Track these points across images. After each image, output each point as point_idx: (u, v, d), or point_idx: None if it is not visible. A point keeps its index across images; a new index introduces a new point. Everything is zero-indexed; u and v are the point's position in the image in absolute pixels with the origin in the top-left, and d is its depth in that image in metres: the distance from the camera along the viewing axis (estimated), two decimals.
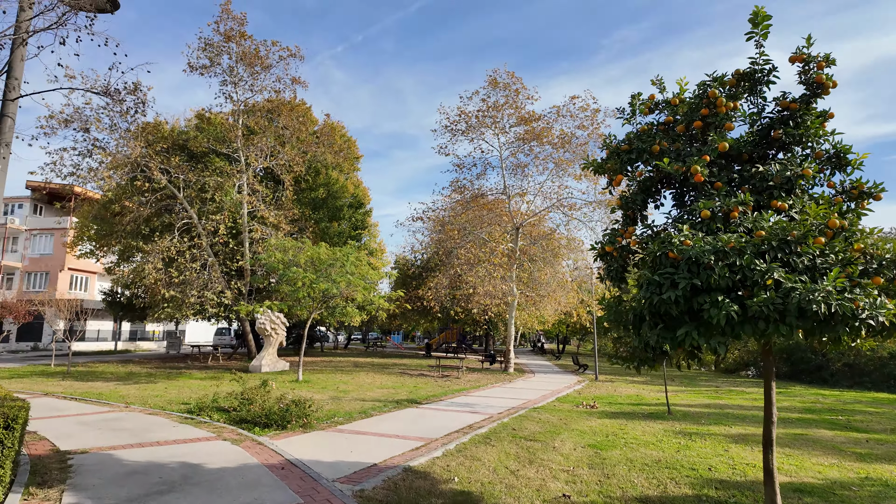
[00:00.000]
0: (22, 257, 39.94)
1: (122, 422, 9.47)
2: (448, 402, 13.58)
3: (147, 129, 23.56)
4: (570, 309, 24.27)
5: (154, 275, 21.34)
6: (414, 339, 79.57)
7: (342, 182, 28.56)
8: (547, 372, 26.91)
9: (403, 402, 13.11)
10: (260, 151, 23.72)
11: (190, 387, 15.56)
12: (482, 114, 24.62)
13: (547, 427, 10.23)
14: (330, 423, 9.89)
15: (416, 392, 15.62)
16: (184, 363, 25.51)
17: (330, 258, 17.47)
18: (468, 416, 11.29)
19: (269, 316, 21.77)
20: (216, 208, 22.78)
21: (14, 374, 18.54)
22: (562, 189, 24.41)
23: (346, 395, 14.36)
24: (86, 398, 12.51)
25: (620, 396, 16.65)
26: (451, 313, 30.40)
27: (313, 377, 19.29)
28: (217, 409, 10.80)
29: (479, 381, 20.17)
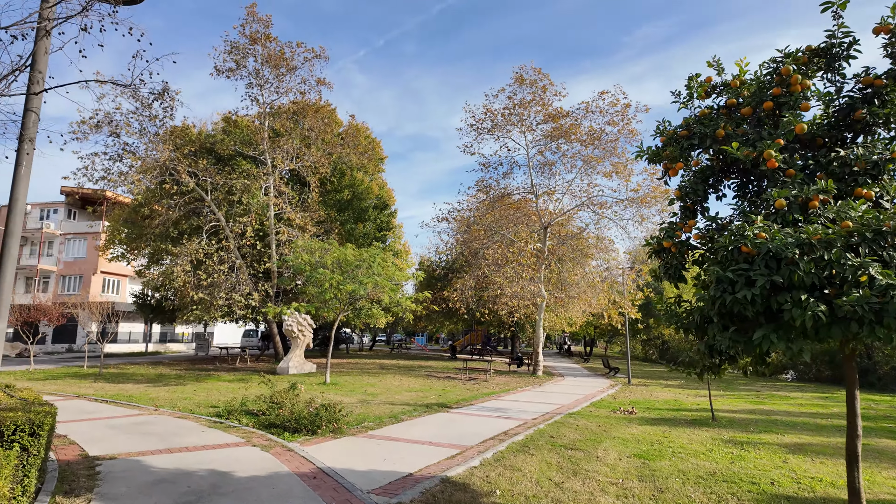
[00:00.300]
0: (57, 261, 40.97)
1: (151, 426, 9.33)
2: (479, 407, 13.17)
3: (175, 132, 23.77)
4: (600, 310, 23.57)
5: (183, 277, 21.45)
6: (438, 340, 79.28)
7: (367, 183, 28.41)
8: (576, 375, 26.26)
9: (433, 407, 12.75)
10: (286, 153, 23.71)
11: (218, 389, 15.50)
12: (508, 111, 24.16)
13: (586, 434, 9.73)
14: (360, 429, 9.59)
15: (446, 396, 15.26)
16: (212, 365, 25.66)
17: (356, 259, 17.24)
18: (501, 422, 10.86)
19: (296, 318, 21.68)
20: (243, 210, 22.83)
21: (49, 375, 18.82)
22: (591, 187, 23.79)
23: (375, 399, 14.07)
24: (116, 400, 12.50)
25: (658, 401, 15.99)
26: (476, 315, 29.93)
27: (340, 380, 19.09)
28: (246, 413, 10.61)
29: (508, 384, 19.71)
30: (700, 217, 5.18)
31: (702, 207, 5.20)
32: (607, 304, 23.08)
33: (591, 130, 23.65)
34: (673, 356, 52.68)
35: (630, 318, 23.38)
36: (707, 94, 5.44)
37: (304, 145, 24.58)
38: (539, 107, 24.13)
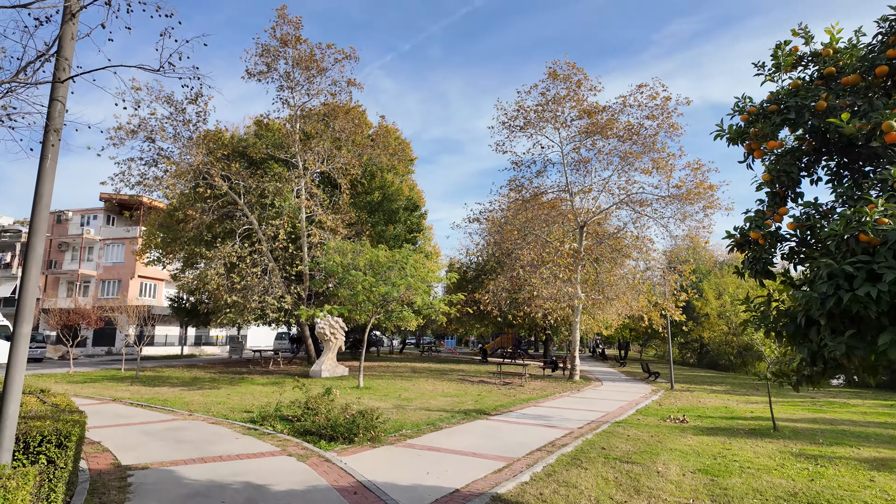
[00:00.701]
0: (97, 266, 42.07)
1: (185, 432, 9.08)
2: (519, 414, 12.57)
3: (208, 137, 23.94)
4: (640, 312, 22.62)
5: (216, 280, 21.50)
6: (468, 343, 78.59)
7: (397, 184, 28.12)
8: (615, 380, 25.32)
9: (472, 414, 12.22)
10: (317, 155, 23.60)
11: (252, 393, 15.31)
12: (541, 108, 23.49)
13: (640, 446, 9.04)
14: (399, 437, 9.13)
15: (482, 401, 14.70)
16: (246, 368, 25.72)
17: (389, 261, 16.88)
18: (546, 431, 10.25)
19: (328, 320, 21.47)
20: (275, 213, 22.79)
21: (87, 378, 19.04)
22: (629, 184, 22.89)
23: (410, 404, 13.62)
24: (151, 405, 12.38)
25: (707, 408, 15.08)
26: (508, 318, 29.23)
27: (373, 383, 18.74)
28: (280, 419, 10.29)
29: (545, 389, 19.02)
30: (791, 204, 4.52)
31: (794, 193, 4.54)
32: (648, 305, 22.13)
33: (629, 125, 22.79)
34: (712, 360, 50.78)
35: (673, 321, 22.34)
36: (793, 66, 4.80)
37: (335, 147, 24.44)
38: (573, 102, 23.40)
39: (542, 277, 20.12)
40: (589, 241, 22.96)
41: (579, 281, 22.16)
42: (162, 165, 23.40)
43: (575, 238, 22.79)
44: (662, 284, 21.32)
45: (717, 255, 56.58)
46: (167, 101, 22.96)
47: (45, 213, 4.53)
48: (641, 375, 29.27)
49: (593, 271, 23.04)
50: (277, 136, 25.49)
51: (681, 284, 23.23)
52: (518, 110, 23.68)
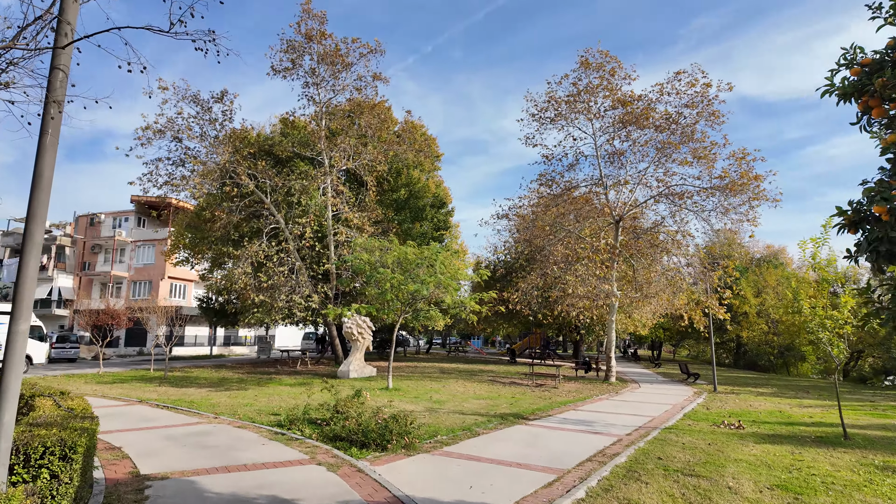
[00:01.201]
0: (128, 267, 42.70)
1: (209, 437, 8.61)
2: (559, 419, 11.80)
3: (234, 136, 23.78)
4: (680, 311, 21.50)
5: (244, 279, 21.28)
6: (494, 343, 77.63)
7: (423, 181, 27.55)
8: (652, 381, 24.23)
9: (509, 418, 11.50)
10: (342, 152, 23.19)
11: (279, 394, 14.89)
12: (573, 98, 22.58)
13: (700, 455, 8.20)
14: (434, 444, 8.48)
15: (518, 404, 13.96)
16: (273, 368, 25.49)
17: (417, 258, 16.27)
18: (592, 438, 9.47)
19: (355, 320, 21.02)
20: (302, 212, 22.46)
21: (117, 378, 18.97)
22: (668, 176, 21.79)
23: (442, 407, 12.98)
24: (177, 406, 12.03)
25: (761, 412, 14.02)
26: (538, 317, 28.31)
27: (402, 384, 18.18)
28: (308, 423, 9.76)
29: (581, 391, 18.15)
30: None
31: None
32: (690, 303, 21.01)
33: (667, 114, 21.72)
34: (751, 360, 48.74)
35: (717, 320, 21.18)
36: None
37: (361, 144, 24.00)
38: (607, 92, 22.43)
39: (577, 274, 19.21)
40: (625, 236, 21.94)
41: (615, 278, 21.19)
42: (189, 165, 23.34)
43: (610, 233, 21.79)
44: (704, 281, 20.17)
45: (754, 251, 54.47)
46: (193, 99, 22.88)
47: (46, 196, 4.01)
48: (679, 377, 28.05)
49: (629, 268, 22.00)
50: (303, 133, 25.20)
51: (725, 281, 22.02)
52: (548, 101, 22.82)
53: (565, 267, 19.30)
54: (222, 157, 22.38)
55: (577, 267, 18.91)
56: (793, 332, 37.96)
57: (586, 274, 19.16)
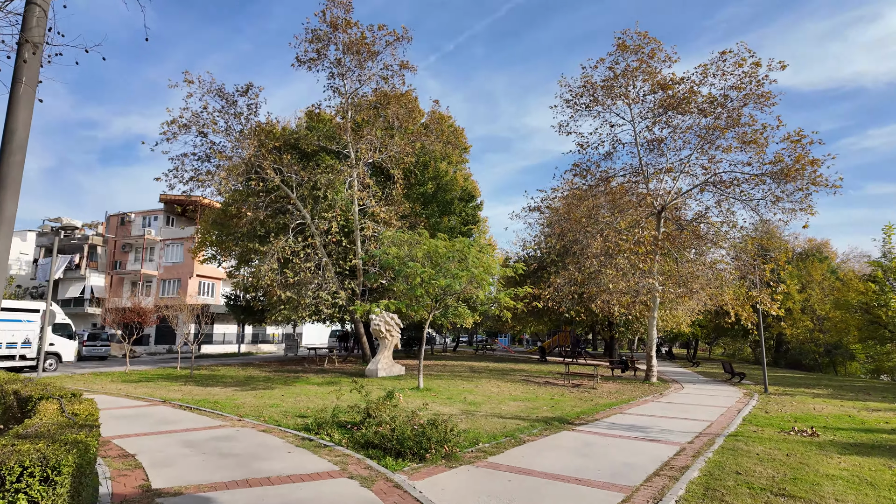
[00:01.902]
0: (158, 266, 43.04)
1: (232, 443, 7.92)
2: (608, 424, 10.80)
3: (260, 130, 23.34)
4: (728, 307, 20.10)
5: (270, 275, 20.81)
6: (521, 342, 76.33)
7: (451, 174, 26.68)
8: (694, 381, 22.91)
9: (553, 423, 10.55)
10: (369, 144, 22.48)
11: (307, 394, 14.25)
12: (610, 82, 21.39)
13: (783, 469, 7.14)
14: (477, 453, 7.62)
15: (559, 407, 13.00)
16: (300, 366, 25.04)
17: (449, 252, 15.42)
18: (652, 447, 8.47)
19: (383, 317, 20.32)
20: (328, 206, 21.86)
21: (143, 377, 18.67)
22: (713, 162, 20.42)
23: (479, 410, 12.11)
24: (200, 407, 11.45)
25: (827, 417, 12.74)
26: (571, 314, 27.14)
27: (433, 384, 17.38)
28: (338, 426, 9.02)
29: (622, 392, 17.06)
30: None
31: None
32: (740, 298, 19.63)
33: (711, 98, 20.35)
34: (794, 358, 46.42)
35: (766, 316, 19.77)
36: None
37: (388, 135, 23.27)
38: (646, 75, 21.17)
39: (619, 268, 18.06)
40: (667, 227, 20.65)
41: (657, 272, 19.96)
42: (214, 160, 23.00)
43: (650, 225, 20.54)
44: (754, 274, 18.79)
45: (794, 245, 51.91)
46: (218, 93, 22.50)
47: (19, 159, 3.27)
48: (722, 376, 26.58)
49: (671, 262, 20.72)
50: (329, 127, 24.64)
51: (778, 274, 20.56)
52: (584, 86, 21.67)
53: (605, 260, 18.14)
54: (247, 151, 21.95)
55: (618, 260, 17.75)
56: (841, 329, 35.80)
57: (628, 267, 17.98)
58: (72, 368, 22.14)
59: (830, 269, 43.20)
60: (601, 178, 22.41)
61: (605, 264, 18.07)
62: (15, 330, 19.92)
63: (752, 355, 61.57)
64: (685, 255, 20.78)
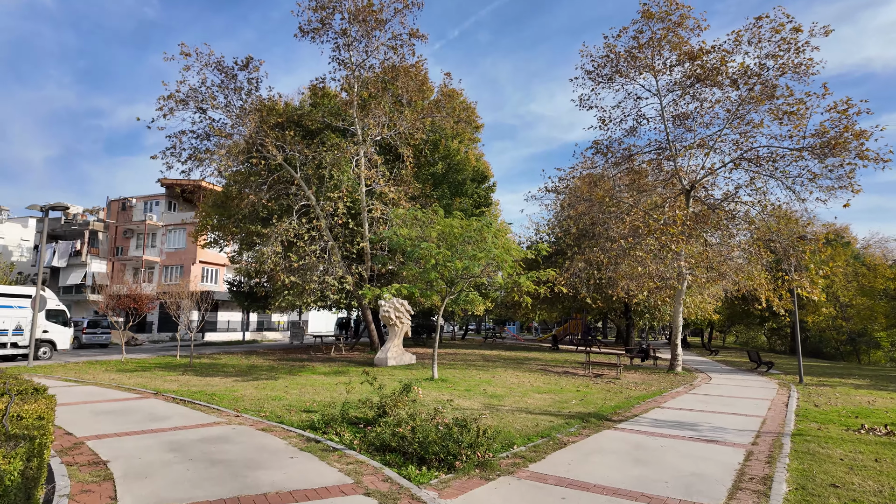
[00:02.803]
0: (160, 252, 42.04)
1: (225, 445, 6.79)
2: (650, 421, 9.61)
3: (262, 107, 22.07)
4: (760, 292, 18.78)
5: (273, 258, 19.70)
6: (530, 329, 75.12)
7: (463, 153, 25.32)
8: (719, 371, 21.74)
9: (591, 420, 9.36)
10: (377, 119, 21.14)
11: (313, 385, 13.15)
12: (633, 53, 19.93)
13: (880, 479, 5.94)
14: (514, 459, 6.44)
15: (590, 401, 11.82)
16: (306, 355, 24.01)
17: (466, 231, 14.16)
18: (713, 450, 7.29)
19: (393, 303, 19.17)
20: (334, 185, 20.63)
21: (140, 365, 17.65)
22: (745, 138, 19.00)
23: (502, 403, 10.95)
24: (195, 400, 10.35)
25: (886, 411, 11.50)
26: (587, 300, 25.87)
27: (448, 374, 16.26)
28: (348, 424, 7.89)
29: (650, 383, 15.90)
30: None
31: None
32: (777, 282, 18.30)
33: (745, 67, 18.87)
34: (814, 347, 45.03)
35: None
36: None
37: (396, 111, 21.91)
38: (673, 45, 19.69)
39: (649, 250, 16.74)
40: (696, 207, 19.27)
41: (684, 255, 18.66)
42: (214, 139, 21.80)
43: (679, 205, 19.16)
44: (794, 256, 17.42)
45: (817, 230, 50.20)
46: (217, 66, 21.21)
47: None
48: (746, 365, 25.39)
49: (700, 244, 19.36)
50: (334, 103, 23.33)
51: (820, 258, 19.23)
52: (607, 56, 20.22)
53: (633, 241, 16.81)
54: (248, 128, 20.73)
55: (648, 240, 16.43)
56: (866, 316, 34.44)
57: (658, 249, 16.67)
58: (67, 357, 21.18)
59: (853, 255, 41.62)
60: (623, 157, 21.02)
61: (633, 246, 16.75)
62: (5, 316, 18.92)
63: (766, 343, 60.18)
64: (715, 236, 19.46)
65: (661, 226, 16.33)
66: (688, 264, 17.23)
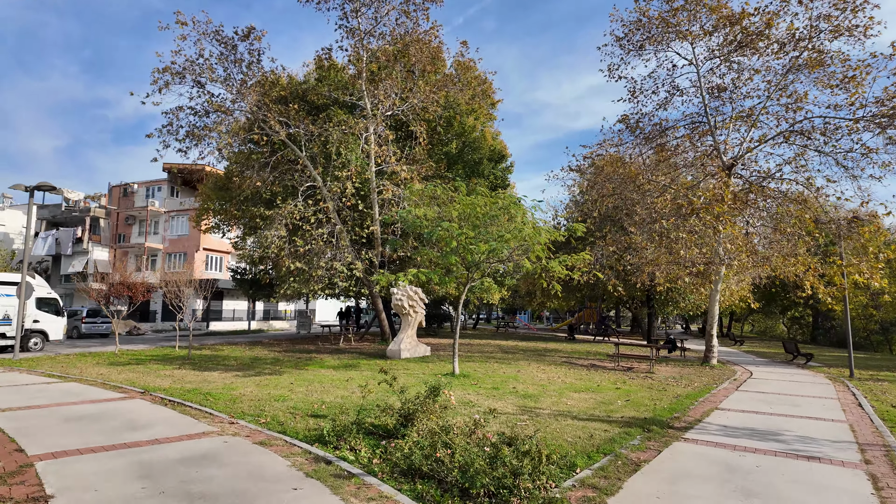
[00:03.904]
0: (163, 239, 40.83)
1: (211, 468, 5.37)
2: (720, 428, 8.12)
3: (264, 80, 20.52)
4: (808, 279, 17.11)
5: (278, 243, 18.30)
6: (541, 318, 73.50)
7: (479, 131, 23.65)
8: (754, 363, 20.27)
9: (652, 429, 7.87)
10: (388, 90, 19.51)
11: (321, 381, 11.76)
12: (669, 16, 18.17)
13: None
14: (584, 491, 4.97)
15: (637, 401, 10.35)
16: (314, 345, 22.69)
17: (491, 209, 12.62)
18: (825, 473, 5.80)
19: (406, 291, 17.73)
20: (341, 164, 19.12)
21: (135, 358, 16.35)
22: (793, 110, 17.26)
23: (539, 406, 9.49)
24: (187, 402, 8.96)
25: None
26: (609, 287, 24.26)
27: (468, 368, 14.84)
28: (364, 434, 6.48)
29: (690, 379, 14.42)
30: None
31: None
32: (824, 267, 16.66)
33: (793, 31, 17.07)
34: (839, 336, 43.24)
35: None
36: None
37: (409, 82, 20.25)
38: (710, 10, 17.89)
39: (694, 230, 15.11)
40: (736, 186, 17.58)
41: (723, 237, 17.03)
42: (214, 115, 20.32)
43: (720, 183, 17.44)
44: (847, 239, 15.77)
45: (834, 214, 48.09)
46: (216, 37, 19.64)
47: None
48: (781, 357, 23.84)
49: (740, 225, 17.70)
50: (341, 76, 21.74)
51: (884, 239, 17.53)
52: (639, 20, 18.46)
53: (677, 221, 15.15)
54: (249, 101, 19.23)
55: (692, 221, 14.79)
56: None
57: (704, 230, 15.03)
58: (62, 348, 19.97)
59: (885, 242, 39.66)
60: (655, 132, 19.32)
61: (676, 226, 15.11)
62: None
63: (786, 333, 58.32)
64: (756, 217, 17.81)
65: (705, 204, 14.67)
66: (734, 246, 15.58)
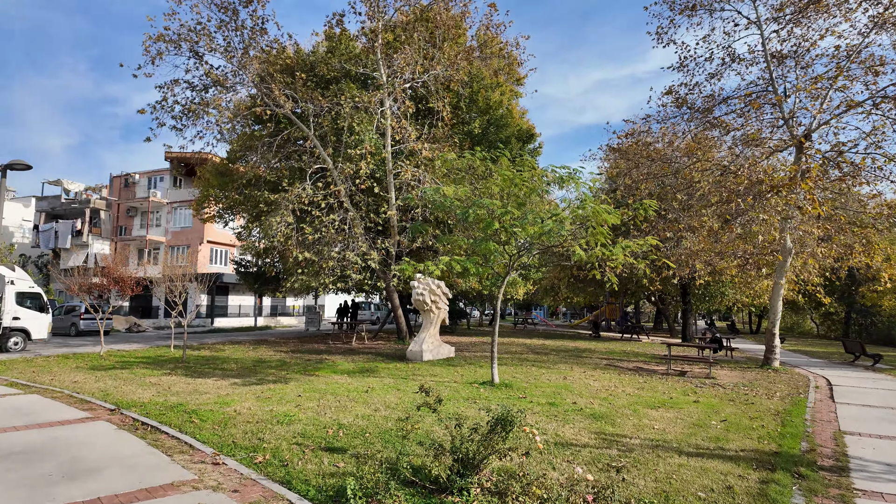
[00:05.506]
0: (165, 231, 39.00)
1: None
2: (884, 467, 5.93)
3: (267, 50, 18.43)
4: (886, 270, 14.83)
5: (284, 231, 16.26)
6: (557, 314, 71.08)
7: (505, 106, 21.39)
8: (816, 365, 18.02)
9: (803, 474, 5.70)
10: (406, 60, 17.30)
11: (335, 392, 9.64)
12: None
13: None
14: None
15: (734, 422, 8.16)
16: (324, 344, 20.67)
17: (539, 185, 10.39)
18: None
19: (428, 285, 15.60)
20: (354, 142, 16.98)
21: (121, 361, 14.36)
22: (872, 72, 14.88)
23: (621, 433, 7.31)
24: (163, 425, 6.88)
25: None
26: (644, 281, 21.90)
27: (507, 374, 12.73)
28: (404, 484, 4.38)
29: (763, 386, 12.22)
30: None
31: None
32: None
33: None
34: (882, 334, 40.67)
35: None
36: None
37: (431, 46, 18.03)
38: None
39: (776, 211, 12.83)
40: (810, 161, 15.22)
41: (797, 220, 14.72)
42: (213, 90, 18.28)
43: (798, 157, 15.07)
44: None
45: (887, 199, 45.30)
46: (214, 0, 17.58)
47: None
48: (837, 357, 21.49)
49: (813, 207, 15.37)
50: (353, 46, 19.59)
51: None
52: None
53: (754, 201, 12.83)
54: (251, 73, 17.14)
55: (772, 199, 12.51)
56: None
57: (786, 210, 12.75)
58: (44, 348, 18.07)
59: None
60: (709, 103, 16.98)
61: (753, 206, 12.81)
62: None
63: (814, 330, 55.62)
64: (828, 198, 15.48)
65: (787, 182, 12.36)
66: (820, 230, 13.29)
